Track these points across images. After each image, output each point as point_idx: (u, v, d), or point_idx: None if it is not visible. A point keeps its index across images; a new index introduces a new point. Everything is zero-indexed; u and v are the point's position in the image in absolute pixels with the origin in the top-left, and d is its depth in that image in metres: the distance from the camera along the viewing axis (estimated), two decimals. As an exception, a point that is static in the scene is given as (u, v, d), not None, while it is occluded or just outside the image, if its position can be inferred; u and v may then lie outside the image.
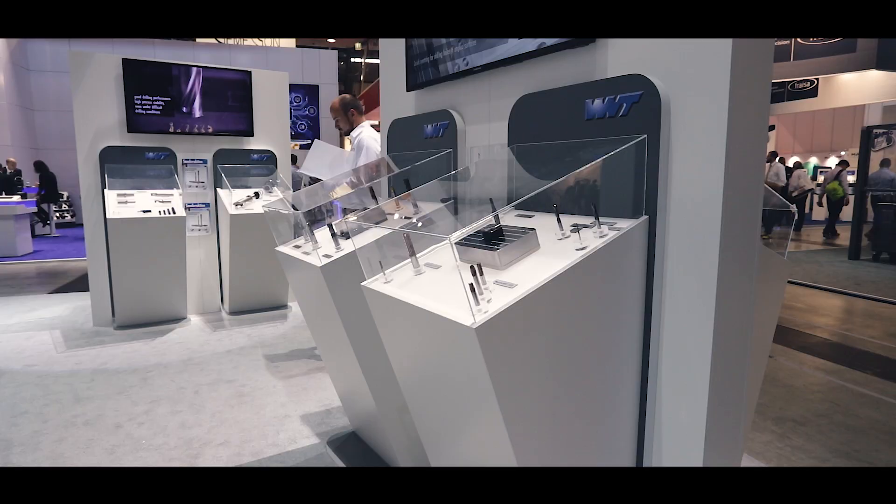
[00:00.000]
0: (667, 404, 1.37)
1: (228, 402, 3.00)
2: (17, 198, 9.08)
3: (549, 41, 1.59)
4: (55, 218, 11.84)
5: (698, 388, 1.28)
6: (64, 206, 12.95)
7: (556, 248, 1.35)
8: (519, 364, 1.20)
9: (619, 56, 1.45)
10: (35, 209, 10.12)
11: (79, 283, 6.27)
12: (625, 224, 1.35)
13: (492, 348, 1.13)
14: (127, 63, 4.36)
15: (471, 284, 1.18)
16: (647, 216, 1.36)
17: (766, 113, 1.30)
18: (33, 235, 9.74)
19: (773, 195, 1.85)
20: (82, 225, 4.45)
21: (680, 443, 1.35)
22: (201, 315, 4.87)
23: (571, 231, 1.40)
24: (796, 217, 10.73)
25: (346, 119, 3.58)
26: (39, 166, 11.23)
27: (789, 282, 6.30)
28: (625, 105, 1.39)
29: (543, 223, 1.49)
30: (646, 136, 1.34)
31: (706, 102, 1.24)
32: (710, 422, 1.28)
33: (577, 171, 1.42)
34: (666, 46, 1.32)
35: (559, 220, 1.44)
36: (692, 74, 1.27)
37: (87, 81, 4.27)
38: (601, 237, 1.32)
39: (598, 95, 1.46)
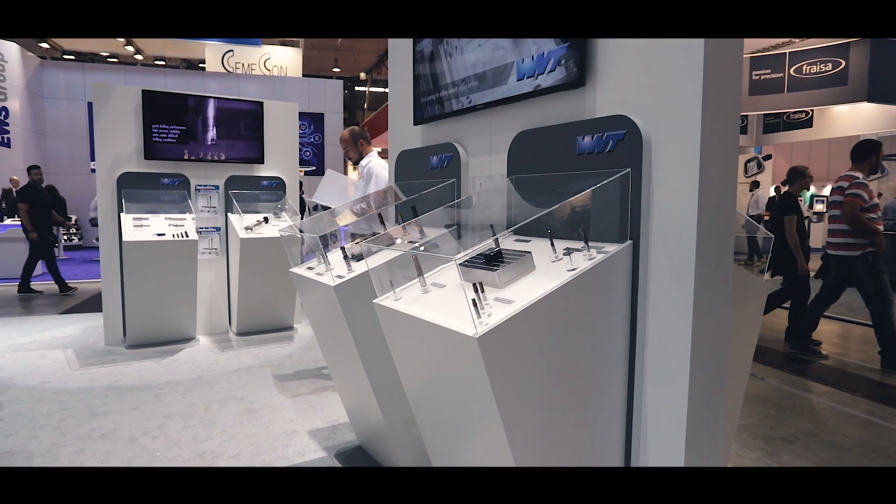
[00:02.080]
0: (651, 409, 1.51)
1: (238, 417, 3.12)
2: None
3: (544, 84, 1.77)
4: (63, 241, 12.03)
5: (679, 394, 1.42)
6: (72, 229, 13.16)
7: (550, 269, 1.50)
8: (516, 371, 1.34)
9: (606, 98, 1.63)
10: (45, 232, 10.28)
11: (88, 304, 6.41)
12: (611, 248, 1.51)
13: (492, 357, 1.28)
14: (146, 94, 4.59)
15: (473, 300, 1.34)
16: (631, 241, 1.52)
17: (735, 148, 1.47)
18: (42, 258, 9.89)
19: (749, 222, 2.01)
20: (89, 248, 4.62)
21: (663, 445, 1.48)
22: (209, 336, 5.00)
23: (564, 254, 1.55)
24: (767, 243, 10.77)
25: (356, 149, 3.78)
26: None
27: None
28: (611, 142, 1.56)
29: (539, 247, 1.65)
30: (629, 169, 1.51)
31: (681, 140, 1.41)
32: (690, 426, 1.42)
33: (569, 200, 1.58)
34: (647, 91, 1.50)
35: (553, 245, 1.60)
36: (669, 116, 1.44)
37: (108, 111, 4.50)
38: (590, 259, 1.48)
39: (587, 133, 1.64)
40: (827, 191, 17.26)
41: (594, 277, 1.45)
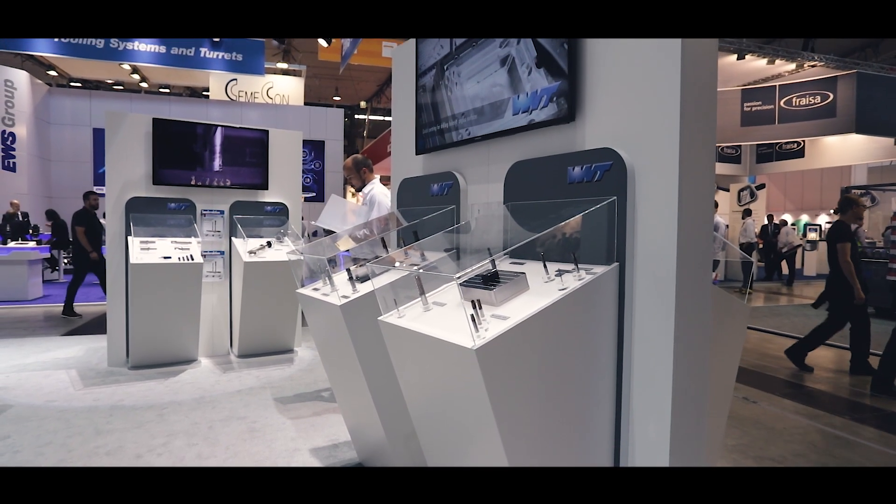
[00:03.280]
0: (637, 418, 1.61)
1: (241, 436, 3.19)
2: (32, 243, 9.38)
3: (538, 119, 1.92)
4: (63, 264, 12.11)
5: (663, 402, 1.53)
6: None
7: (543, 289, 1.62)
8: (511, 381, 1.45)
9: (594, 132, 1.77)
10: (49, 255, 10.41)
11: (89, 326, 6.48)
12: (599, 269, 1.63)
13: (489, 367, 1.39)
14: (157, 122, 4.76)
15: (472, 315, 1.45)
16: (617, 263, 1.64)
17: (711, 178, 1.60)
18: (43, 281, 9.98)
19: (733, 248, 2.14)
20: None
21: (650, 451, 1.58)
22: (211, 357, 5.06)
23: (555, 275, 1.68)
24: (754, 269, 10.68)
25: (359, 177, 3.93)
26: (51, 214, 11.60)
27: (778, 334, 6.50)
28: (598, 172, 1.70)
29: (532, 269, 1.77)
30: (615, 197, 1.64)
31: (662, 171, 1.55)
32: (674, 433, 1.52)
33: (560, 225, 1.71)
34: (631, 126, 1.64)
35: (545, 266, 1.72)
36: (651, 148, 1.58)
37: (119, 138, 4.66)
38: (579, 280, 1.60)
39: (577, 164, 1.78)
40: (820, 220, 17.52)
41: (583, 296, 1.57)
